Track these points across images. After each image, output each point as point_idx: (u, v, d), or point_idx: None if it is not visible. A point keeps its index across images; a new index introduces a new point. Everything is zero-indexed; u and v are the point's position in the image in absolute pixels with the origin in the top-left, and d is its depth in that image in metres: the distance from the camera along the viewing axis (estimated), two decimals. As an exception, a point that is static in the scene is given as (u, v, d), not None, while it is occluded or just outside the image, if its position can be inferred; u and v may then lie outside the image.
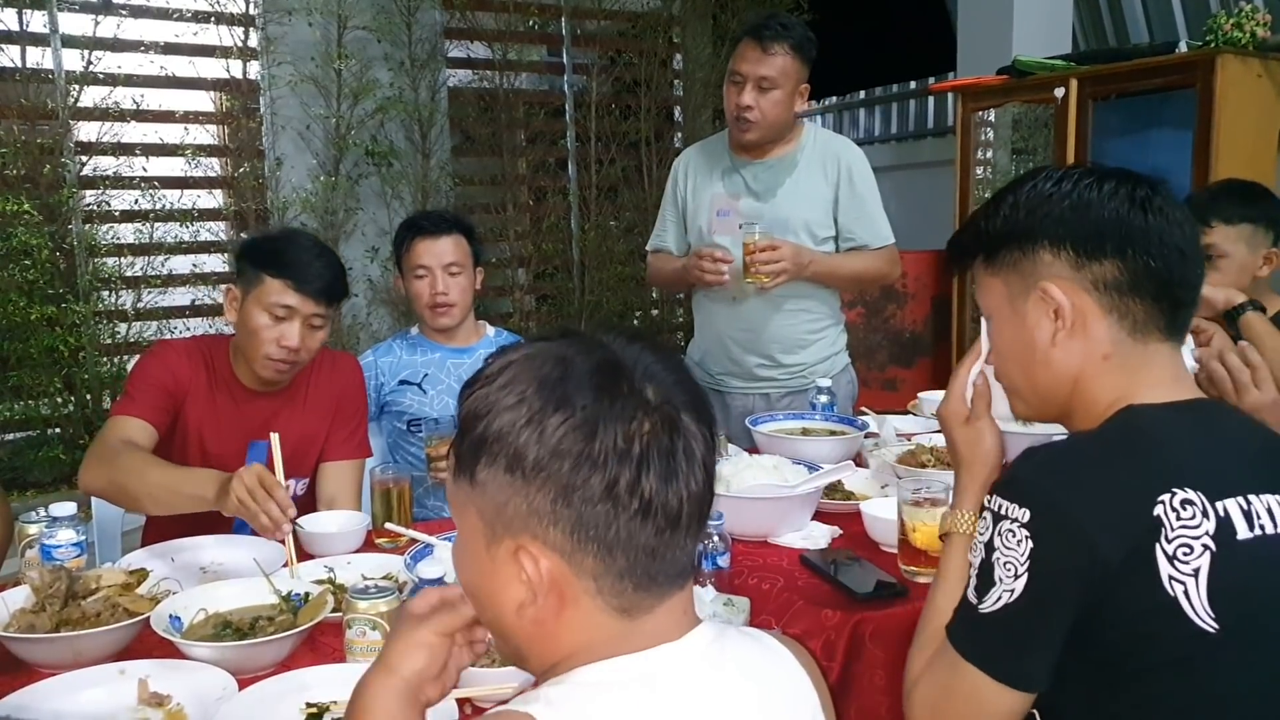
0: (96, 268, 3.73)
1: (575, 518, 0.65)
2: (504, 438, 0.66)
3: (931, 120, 5.18)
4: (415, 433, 2.14)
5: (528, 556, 0.67)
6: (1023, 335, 0.99)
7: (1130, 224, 0.93)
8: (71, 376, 3.67)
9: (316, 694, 1.08)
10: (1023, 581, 0.86)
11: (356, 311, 4.21)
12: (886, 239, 2.28)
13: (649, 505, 0.65)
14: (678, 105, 5.06)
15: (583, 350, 0.68)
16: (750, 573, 1.42)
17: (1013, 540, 0.86)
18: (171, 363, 1.69)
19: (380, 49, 4.13)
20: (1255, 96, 2.93)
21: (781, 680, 0.76)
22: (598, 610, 0.68)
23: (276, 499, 1.36)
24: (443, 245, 2.09)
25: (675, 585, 0.70)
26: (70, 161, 3.63)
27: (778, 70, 2.14)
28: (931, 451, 1.84)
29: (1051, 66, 3.35)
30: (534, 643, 0.71)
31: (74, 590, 1.23)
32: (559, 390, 0.66)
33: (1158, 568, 0.83)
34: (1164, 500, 0.84)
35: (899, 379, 4.24)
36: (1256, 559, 0.85)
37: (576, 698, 0.66)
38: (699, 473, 0.68)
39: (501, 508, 0.67)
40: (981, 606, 0.89)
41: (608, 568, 0.66)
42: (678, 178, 2.39)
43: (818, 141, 2.29)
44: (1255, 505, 0.87)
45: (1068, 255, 0.95)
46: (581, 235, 4.75)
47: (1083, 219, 0.94)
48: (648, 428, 0.65)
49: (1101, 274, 0.94)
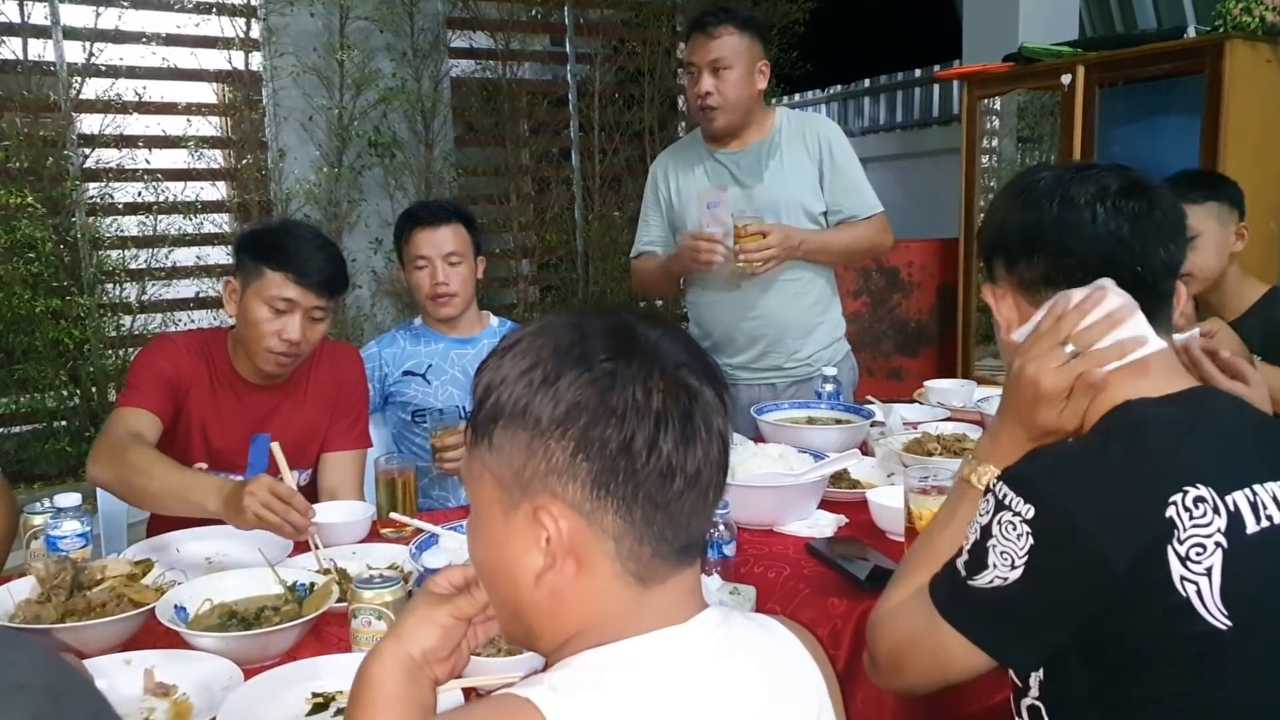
0: (100, 260, 3.73)
1: (595, 471, 0.65)
2: (520, 399, 0.67)
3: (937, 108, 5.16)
4: (419, 423, 2.14)
5: (548, 515, 0.67)
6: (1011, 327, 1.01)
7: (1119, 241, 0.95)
8: (76, 369, 3.68)
9: (322, 684, 1.08)
10: (1018, 574, 0.85)
11: (360, 303, 4.21)
12: (875, 207, 2.28)
13: (669, 463, 0.65)
14: (681, 94, 5.03)
15: (596, 317, 0.70)
16: (756, 561, 1.42)
17: (1013, 533, 0.86)
18: (174, 355, 1.68)
19: (383, 39, 4.12)
20: (1264, 82, 2.90)
21: (788, 665, 0.76)
22: (614, 576, 0.68)
23: (295, 506, 1.38)
24: (441, 235, 2.08)
25: (688, 560, 0.71)
26: (73, 154, 3.63)
27: (727, 49, 2.16)
28: (938, 440, 1.84)
29: (1058, 53, 3.32)
30: (546, 617, 0.70)
31: (79, 581, 1.23)
32: (575, 350, 0.67)
33: (1169, 569, 0.82)
34: (1176, 501, 0.83)
35: (904, 368, 4.23)
36: (1265, 551, 0.84)
37: (581, 682, 0.66)
38: (717, 442, 0.68)
39: (520, 470, 0.67)
40: (972, 580, 0.89)
41: (628, 527, 0.67)
42: (657, 182, 2.39)
43: (793, 122, 2.29)
44: (1261, 495, 0.86)
45: (1002, 261, 1.00)
46: (585, 226, 4.73)
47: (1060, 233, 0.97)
48: (664, 387, 0.66)
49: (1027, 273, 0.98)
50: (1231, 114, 2.81)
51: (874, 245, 2.34)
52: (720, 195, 2.25)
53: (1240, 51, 2.82)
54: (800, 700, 0.74)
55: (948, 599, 0.91)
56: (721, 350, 2.36)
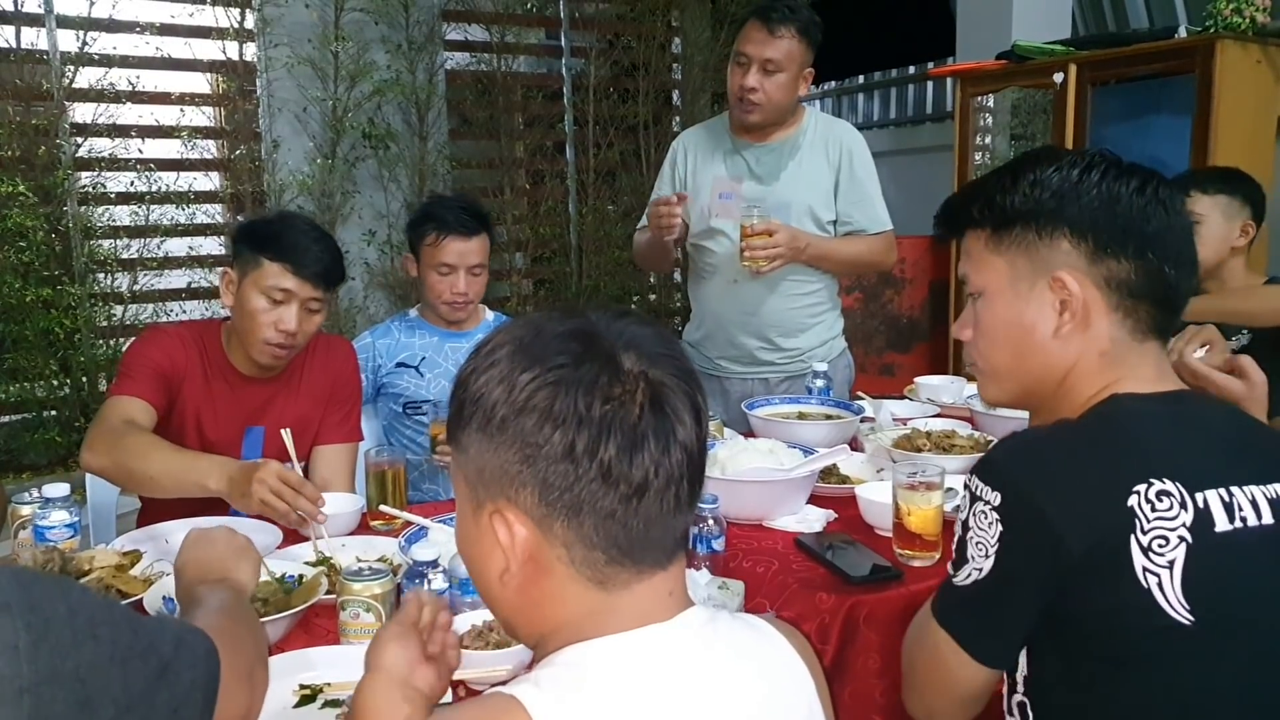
0: (92, 250, 3.71)
1: (540, 478, 0.65)
2: (479, 399, 0.68)
3: (931, 105, 5.16)
4: (412, 415, 2.14)
5: (501, 521, 0.68)
6: (1022, 320, 0.96)
7: (1152, 226, 0.91)
8: (67, 359, 3.67)
9: (310, 675, 1.08)
10: (990, 563, 0.87)
11: (354, 295, 4.20)
12: (884, 225, 2.27)
13: (608, 471, 0.64)
14: (676, 89, 5.03)
15: (559, 319, 0.70)
16: (745, 556, 1.42)
17: (984, 522, 0.87)
18: (167, 346, 1.68)
19: (378, 31, 4.10)
20: (1254, 82, 2.91)
21: (778, 665, 0.76)
22: (572, 580, 0.68)
23: (306, 494, 1.40)
24: (472, 246, 2.06)
25: (657, 563, 0.69)
26: (65, 143, 3.61)
27: (783, 53, 2.13)
28: (927, 436, 1.84)
29: (1051, 51, 3.33)
30: (519, 612, 0.72)
31: (66, 571, 1.23)
32: (531, 351, 0.67)
33: (1132, 559, 0.83)
34: (1139, 491, 0.84)
35: (896, 364, 4.24)
36: (1233, 551, 0.84)
37: (565, 679, 0.66)
38: (675, 452, 0.66)
39: (481, 471, 0.68)
40: (955, 579, 0.91)
41: (577, 535, 0.67)
42: (676, 159, 2.38)
43: (819, 125, 2.28)
44: (1238, 497, 0.86)
45: (1087, 248, 0.92)
46: (579, 219, 4.73)
47: (1110, 213, 0.91)
48: (616, 393, 0.65)
49: (1116, 272, 0.92)
50: (1222, 113, 2.82)
51: (878, 262, 2.34)
52: (734, 187, 2.25)
53: (1231, 51, 2.83)
54: (791, 701, 0.75)
55: (938, 601, 0.94)
56: (714, 342, 2.36)
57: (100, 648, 0.62)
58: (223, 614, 0.89)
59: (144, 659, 0.66)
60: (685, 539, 0.73)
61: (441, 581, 1.19)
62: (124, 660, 0.63)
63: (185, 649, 0.71)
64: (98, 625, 0.62)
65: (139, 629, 0.67)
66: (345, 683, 1.03)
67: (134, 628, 0.67)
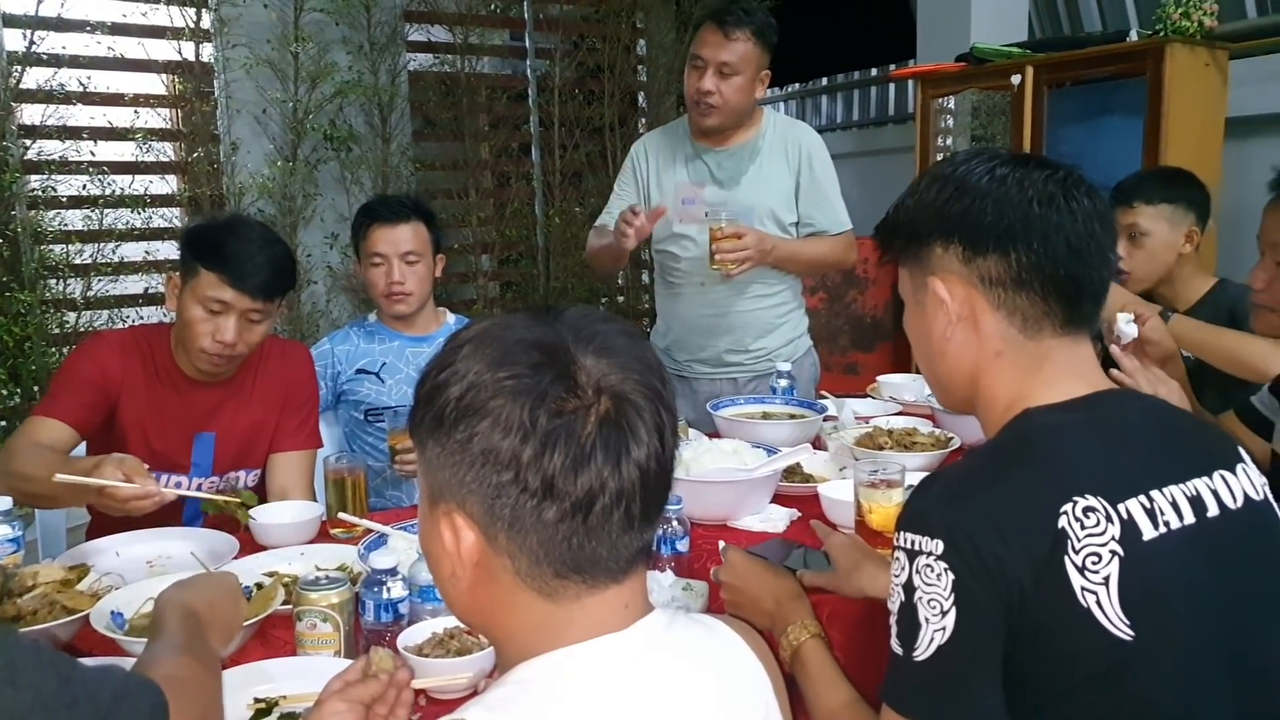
0: (43, 255, 3.61)
1: (484, 486, 0.65)
2: (433, 401, 0.67)
3: (893, 107, 5.21)
4: (373, 422, 2.11)
5: (449, 526, 0.67)
6: (925, 328, 0.98)
7: (1015, 218, 0.90)
8: (17, 367, 3.56)
9: (266, 688, 1.06)
10: (951, 617, 0.80)
11: (316, 299, 4.14)
12: (844, 225, 2.30)
13: (550, 485, 0.63)
14: (642, 91, 5.03)
15: (522, 324, 0.68)
16: (710, 557, 1.42)
17: (932, 575, 0.81)
18: (102, 358, 1.63)
19: (338, 32, 4.05)
20: (1202, 85, 2.98)
21: (734, 666, 0.76)
22: (520, 590, 0.67)
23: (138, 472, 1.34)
24: (400, 233, 2.05)
25: (610, 577, 0.68)
26: (13, 145, 3.51)
27: (739, 56, 2.14)
28: (889, 434, 1.86)
29: (1008, 54, 3.38)
30: (472, 612, 0.72)
31: (9, 588, 1.20)
32: (491, 354, 0.66)
33: (1069, 580, 0.80)
34: (1066, 511, 0.81)
35: (859, 363, 4.28)
36: (1163, 557, 0.82)
37: (515, 697, 0.66)
38: (628, 469, 0.64)
39: (436, 473, 0.68)
40: (914, 655, 0.82)
41: (521, 548, 0.65)
42: (637, 162, 2.37)
43: (778, 128, 2.29)
44: (1158, 501, 0.84)
45: (956, 250, 0.93)
46: (546, 221, 4.71)
47: (969, 214, 0.92)
48: (569, 407, 0.64)
49: (987, 269, 0.92)
50: (1171, 115, 2.88)
51: (840, 260, 2.37)
52: (697, 192, 2.26)
53: (1180, 54, 2.89)
54: (747, 701, 0.74)
55: (903, 694, 0.83)
56: (684, 346, 2.37)
57: (20, 695, 0.61)
58: (187, 653, 0.88)
59: (72, 709, 0.65)
60: (645, 553, 0.70)
61: (400, 589, 1.18)
62: (48, 709, 0.63)
63: (126, 701, 0.70)
64: (18, 671, 0.61)
65: (72, 678, 0.66)
66: (302, 695, 1.02)
67: (64, 676, 0.65)
